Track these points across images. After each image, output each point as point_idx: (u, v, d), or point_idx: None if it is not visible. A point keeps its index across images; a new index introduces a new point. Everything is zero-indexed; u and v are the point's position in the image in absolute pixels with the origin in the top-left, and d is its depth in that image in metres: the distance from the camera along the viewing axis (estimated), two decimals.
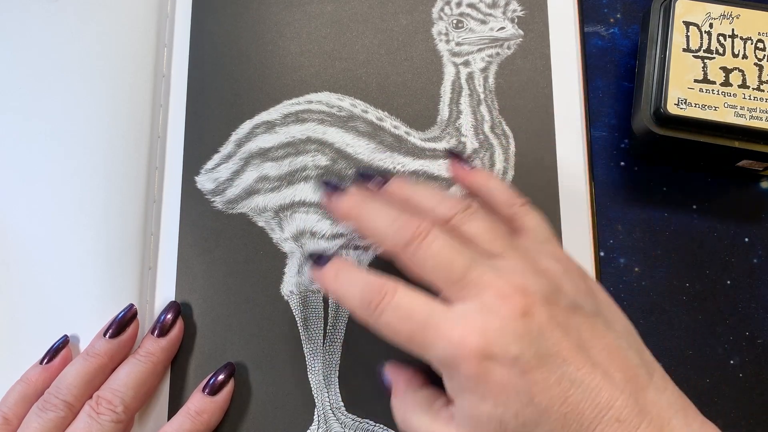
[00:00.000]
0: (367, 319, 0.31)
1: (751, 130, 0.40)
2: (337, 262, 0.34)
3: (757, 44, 0.41)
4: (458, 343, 0.29)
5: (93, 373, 0.38)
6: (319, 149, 0.44)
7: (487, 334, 0.28)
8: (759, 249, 0.43)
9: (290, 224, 0.43)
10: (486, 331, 0.29)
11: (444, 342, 0.29)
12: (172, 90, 0.45)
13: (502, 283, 0.29)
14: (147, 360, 0.38)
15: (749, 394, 0.41)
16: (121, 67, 0.44)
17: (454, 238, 0.31)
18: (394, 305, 0.31)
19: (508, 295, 0.29)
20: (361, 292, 0.31)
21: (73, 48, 0.44)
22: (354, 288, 0.32)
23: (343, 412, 0.40)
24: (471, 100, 0.45)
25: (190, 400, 0.39)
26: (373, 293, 0.31)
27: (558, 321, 0.29)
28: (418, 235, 0.31)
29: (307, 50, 0.46)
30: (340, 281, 0.33)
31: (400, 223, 0.32)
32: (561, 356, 0.29)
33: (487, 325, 0.29)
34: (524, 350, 0.28)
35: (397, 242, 0.32)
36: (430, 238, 0.31)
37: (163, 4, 0.46)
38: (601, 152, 0.45)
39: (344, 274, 0.33)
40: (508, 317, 0.29)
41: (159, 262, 0.42)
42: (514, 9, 0.46)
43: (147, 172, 0.43)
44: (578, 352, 0.29)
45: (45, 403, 0.36)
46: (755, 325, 0.42)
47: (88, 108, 0.43)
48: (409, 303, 0.30)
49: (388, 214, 0.33)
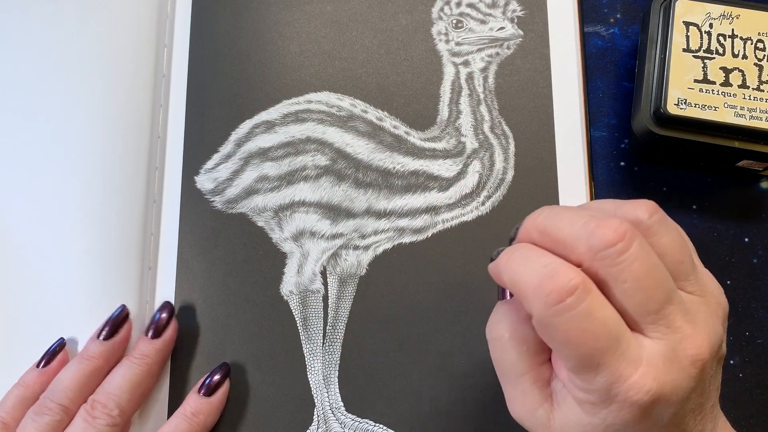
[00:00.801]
0: (540, 312, 0.26)
1: (751, 130, 0.40)
2: (518, 246, 0.29)
3: (757, 44, 0.41)
4: (631, 386, 0.26)
5: (88, 376, 0.37)
6: (319, 149, 0.44)
7: (664, 389, 0.26)
8: (759, 249, 0.43)
9: (290, 224, 0.43)
10: (663, 385, 0.26)
11: (615, 376, 0.26)
12: (172, 90, 0.45)
13: (691, 331, 0.27)
14: (142, 362, 0.38)
15: (749, 394, 0.41)
16: (121, 67, 0.44)
17: (652, 254, 0.27)
18: (582, 311, 0.26)
19: (694, 349, 0.27)
20: (541, 277, 0.26)
21: (73, 48, 0.44)
22: (532, 270, 0.27)
23: (343, 412, 0.40)
24: (471, 100, 0.45)
25: (186, 401, 0.39)
26: (558, 284, 0.26)
27: (711, 378, 0.28)
28: (619, 250, 0.26)
29: (306, 50, 0.46)
30: (515, 259, 0.28)
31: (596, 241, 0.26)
32: (699, 413, 0.28)
33: (666, 377, 0.26)
34: (683, 406, 0.27)
35: (596, 253, 0.26)
36: (632, 254, 0.26)
37: (163, 4, 0.46)
38: (601, 152, 0.45)
39: (522, 253, 0.28)
40: (687, 373, 0.27)
41: (159, 262, 0.42)
42: (514, 9, 0.46)
43: (147, 172, 0.43)
44: (705, 414, 0.28)
45: (40, 407, 0.36)
46: (755, 325, 0.42)
47: (88, 108, 0.43)
48: (601, 316, 0.26)
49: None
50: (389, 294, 0.42)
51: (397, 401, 0.40)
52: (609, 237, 0.26)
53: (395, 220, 0.43)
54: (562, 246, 0.27)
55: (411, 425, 0.40)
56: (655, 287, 0.26)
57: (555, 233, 0.28)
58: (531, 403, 0.30)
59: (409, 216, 0.43)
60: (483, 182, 0.43)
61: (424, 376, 0.41)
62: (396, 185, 0.43)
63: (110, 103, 0.43)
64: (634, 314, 0.27)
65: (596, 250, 0.26)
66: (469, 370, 0.41)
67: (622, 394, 0.26)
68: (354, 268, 0.42)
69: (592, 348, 0.26)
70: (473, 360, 0.41)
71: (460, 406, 0.40)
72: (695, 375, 0.27)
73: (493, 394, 0.40)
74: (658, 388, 0.26)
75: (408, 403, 0.40)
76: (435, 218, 0.43)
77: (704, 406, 0.28)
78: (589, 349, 0.26)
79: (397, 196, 0.43)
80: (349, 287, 0.42)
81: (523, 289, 0.27)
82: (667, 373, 0.26)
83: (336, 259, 0.42)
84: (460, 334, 0.41)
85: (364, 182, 0.43)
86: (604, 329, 0.26)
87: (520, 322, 0.30)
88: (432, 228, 0.43)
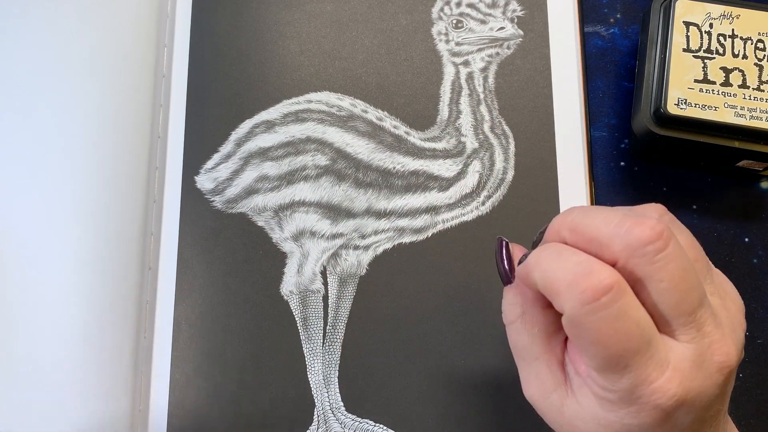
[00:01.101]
0: (573, 310, 0.26)
1: (751, 130, 0.40)
2: (549, 244, 0.28)
3: (757, 44, 0.41)
4: (655, 390, 0.26)
5: None
6: (319, 149, 0.44)
7: (688, 395, 0.26)
8: (759, 249, 0.43)
9: (290, 224, 0.43)
10: (689, 391, 0.26)
11: (641, 379, 0.26)
12: (172, 90, 0.45)
13: (719, 337, 0.27)
14: None
15: (749, 394, 0.41)
16: (121, 67, 0.44)
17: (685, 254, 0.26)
18: (616, 311, 0.25)
19: (722, 355, 0.26)
20: (575, 274, 0.26)
21: (73, 48, 0.44)
22: (565, 267, 0.26)
23: (343, 412, 0.40)
24: (471, 100, 0.45)
25: None
26: (593, 282, 0.25)
27: (731, 383, 0.28)
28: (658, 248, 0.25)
29: (306, 50, 0.46)
30: (547, 257, 0.27)
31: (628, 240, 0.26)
32: (716, 419, 0.28)
33: (692, 382, 0.26)
34: (704, 413, 0.27)
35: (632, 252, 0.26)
36: (670, 253, 0.25)
37: (163, 4, 0.46)
38: (601, 152, 0.45)
39: (555, 251, 0.27)
40: (713, 380, 0.26)
41: (159, 262, 0.42)
42: (514, 9, 0.46)
43: (147, 172, 0.43)
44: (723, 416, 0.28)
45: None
46: (755, 325, 0.42)
47: (88, 108, 0.43)
48: (634, 317, 0.25)
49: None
50: (389, 294, 0.42)
51: (397, 401, 0.40)
52: (647, 235, 0.25)
53: (395, 220, 0.43)
54: (597, 244, 0.27)
55: (411, 425, 0.40)
56: (690, 288, 0.26)
57: (588, 231, 0.27)
58: (546, 387, 0.29)
59: (409, 216, 0.43)
60: (483, 182, 0.43)
61: (424, 376, 0.41)
62: (396, 185, 0.43)
63: (110, 103, 0.43)
64: (668, 316, 0.26)
65: (634, 247, 0.26)
66: (469, 369, 0.41)
67: (645, 396, 0.26)
68: (354, 268, 0.42)
69: (623, 349, 0.25)
70: (473, 360, 0.41)
71: (460, 406, 0.40)
72: (721, 382, 0.26)
73: (494, 393, 0.40)
74: (683, 393, 0.26)
75: (408, 403, 0.40)
76: (435, 218, 0.43)
77: (721, 412, 0.28)
78: (619, 350, 0.25)
79: (397, 196, 0.43)
80: (349, 287, 0.42)
81: (555, 286, 0.26)
82: (694, 378, 0.26)
83: (336, 259, 0.42)
84: (460, 334, 0.41)
85: (364, 182, 0.43)
86: (637, 331, 0.25)
87: (529, 304, 0.30)
88: (432, 228, 0.43)
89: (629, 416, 0.26)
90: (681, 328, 0.26)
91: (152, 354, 0.41)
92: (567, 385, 0.29)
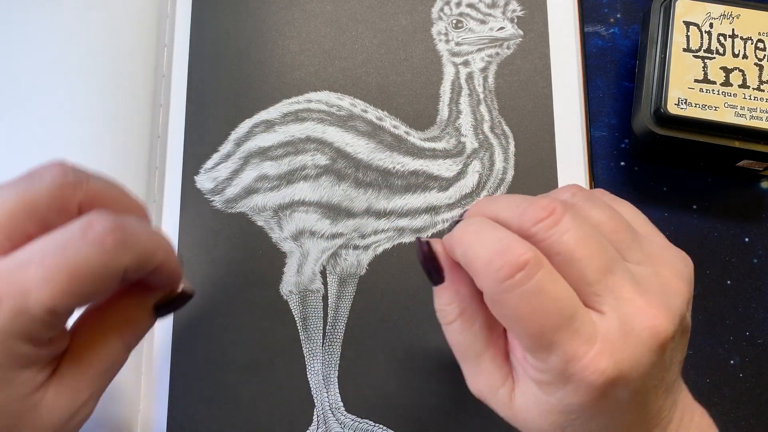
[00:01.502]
0: (490, 288, 0.26)
1: (751, 130, 0.40)
2: (473, 219, 0.28)
3: (758, 44, 0.41)
4: (586, 365, 0.25)
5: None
6: (319, 148, 0.44)
7: (621, 366, 0.25)
8: (759, 249, 0.43)
9: (289, 223, 0.43)
10: (620, 362, 0.25)
11: (569, 355, 0.25)
12: (172, 90, 0.45)
13: (643, 303, 0.26)
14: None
15: (749, 394, 0.41)
16: (121, 67, 0.44)
17: (585, 225, 0.27)
18: (533, 287, 0.25)
19: (650, 320, 0.26)
20: (492, 252, 0.26)
21: (72, 47, 0.44)
22: (484, 244, 0.26)
23: (343, 413, 0.40)
24: (470, 100, 0.45)
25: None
26: (509, 259, 0.25)
27: (673, 351, 0.27)
28: (548, 224, 0.26)
29: (306, 49, 0.46)
30: (468, 233, 0.27)
31: (523, 218, 0.27)
32: (662, 387, 0.27)
33: (623, 353, 0.25)
34: (644, 383, 0.26)
35: (526, 230, 0.26)
36: (563, 226, 0.26)
37: (163, 4, 0.46)
38: (601, 152, 0.45)
39: (477, 227, 0.27)
40: (646, 347, 0.26)
41: None
42: (514, 9, 0.46)
43: (147, 172, 0.43)
44: (667, 388, 0.28)
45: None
46: (755, 325, 0.42)
47: (88, 108, 0.43)
48: (553, 291, 0.25)
49: (491, 233, 0.27)
50: (389, 294, 0.42)
51: (397, 401, 0.40)
52: (537, 213, 0.26)
53: (395, 219, 0.43)
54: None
55: (411, 425, 0.40)
56: (591, 256, 0.26)
57: (494, 216, 0.28)
58: (492, 382, 0.29)
59: (409, 216, 0.43)
60: (483, 182, 0.43)
61: (423, 376, 0.41)
62: (396, 185, 0.43)
63: (110, 103, 0.43)
64: (577, 288, 0.26)
65: (527, 226, 0.26)
66: None
67: (577, 374, 0.25)
68: (354, 267, 0.42)
69: (543, 325, 0.25)
70: None
71: (460, 406, 0.40)
72: (655, 349, 0.26)
73: None
74: (614, 366, 0.25)
75: (408, 403, 0.40)
76: (435, 218, 0.43)
77: (666, 380, 0.27)
78: (539, 327, 0.25)
79: (397, 195, 0.43)
80: (349, 287, 0.42)
81: (474, 264, 0.27)
82: (624, 349, 0.25)
83: (336, 259, 0.42)
84: None
85: (364, 182, 0.43)
86: (555, 305, 0.25)
87: (467, 302, 0.29)
88: (432, 228, 0.43)
89: (568, 396, 0.26)
90: (596, 299, 0.26)
91: (152, 354, 0.41)
92: (512, 376, 0.29)
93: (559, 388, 0.26)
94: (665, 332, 0.26)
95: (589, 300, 0.26)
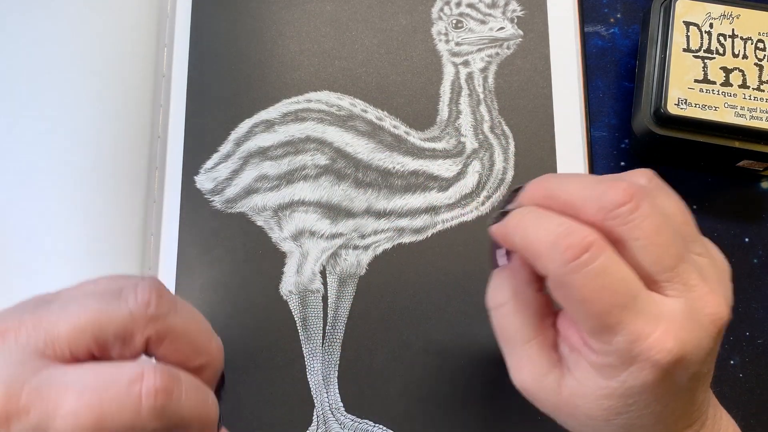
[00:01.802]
0: (556, 270, 0.26)
1: (751, 130, 0.40)
2: (527, 208, 0.29)
3: (757, 44, 0.41)
4: (652, 345, 0.26)
5: None
6: (319, 148, 0.44)
7: (686, 347, 0.26)
8: (759, 249, 0.43)
9: (289, 223, 0.43)
10: (685, 343, 0.26)
11: (635, 335, 0.26)
12: (172, 90, 0.45)
13: (707, 291, 0.27)
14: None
15: (749, 394, 0.41)
16: (121, 67, 0.44)
17: (661, 213, 0.27)
18: (599, 267, 0.26)
19: (713, 307, 0.27)
20: (556, 235, 0.26)
21: (72, 47, 0.44)
22: (546, 229, 0.27)
23: (342, 413, 0.40)
24: (470, 100, 0.45)
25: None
26: (574, 241, 0.26)
27: (720, 340, 0.28)
28: (631, 208, 0.26)
29: (306, 49, 0.46)
30: (527, 220, 0.28)
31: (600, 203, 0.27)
32: (707, 380, 0.29)
33: (688, 335, 0.26)
34: (700, 369, 0.27)
35: (605, 213, 0.27)
36: (643, 211, 0.26)
37: (163, 4, 0.46)
38: (601, 152, 0.45)
39: (534, 214, 0.28)
40: (707, 332, 0.27)
41: (159, 262, 0.42)
42: (514, 9, 0.46)
43: (147, 172, 0.43)
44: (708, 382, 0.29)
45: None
46: (755, 325, 0.42)
47: (88, 108, 0.43)
48: (618, 272, 0.26)
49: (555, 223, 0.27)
50: (389, 294, 0.42)
51: (396, 401, 0.40)
52: (620, 197, 0.26)
53: (395, 220, 0.43)
54: (571, 208, 0.27)
55: (411, 425, 0.40)
56: (668, 244, 0.26)
57: (563, 196, 0.28)
58: (540, 370, 0.29)
59: (409, 216, 0.43)
60: (483, 182, 0.43)
61: (423, 377, 0.41)
62: (396, 185, 0.43)
63: (110, 103, 0.43)
64: (651, 271, 0.26)
65: (608, 209, 0.26)
66: (469, 369, 0.41)
67: (644, 353, 0.26)
68: (354, 268, 0.42)
69: (610, 304, 0.26)
70: (473, 360, 0.41)
71: (459, 406, 0.40)
72: (714, 335, 0.27)
73: (494, 393, 0.40)
74: (680, 347, 0.26)
75: (408, 403, 0.40)
76: (435, 218, 0.43)
77: (710, 374, 0.28)
78: (606, 305, 0.26)
79: (397, 196, 0.43)
80: (348, 287, 0.42)
81: (537, 247, 0.27)
82: (689, 331, 0.26)
83: (336, 259, 0.42)
84: (459, 334, 0.41)
85: (363, 182, 0.43)
86: (622, 284, 0.26)
87: (522, 286, 0.30)
88: (432, 228, 0.43)
89: (631, 377, 0.26)
90: (666, 284, 0.27)
91: None
92: (561, 365, 0.29)
93: (623, 369, 0.27)
94: (723, 319, 0.27)
95: (659, 283, 0.27)
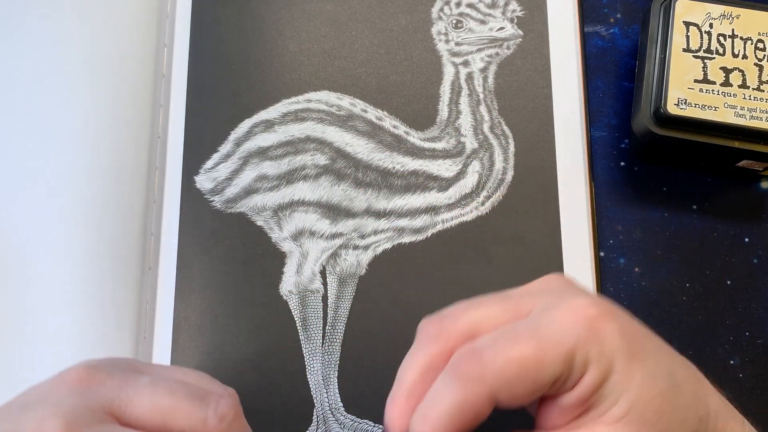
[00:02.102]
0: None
1: (751, 130, 0.40)
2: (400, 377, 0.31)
3: (757, 44, 0.41)
4: (582, 316, 0.27)
5: None
6: (318, 148, 0.44)
7: (597, 302, 0.28)
8: (759, 249, 0.43)
9: (289, 223, 0.43)
10: (595, 302, 0.28)
11: (565, 325, 0.27)
12: (172, 90, 0.45)
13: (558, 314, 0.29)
14: None
15: (749, 394, 0.41)
16: (121, 67, 0.44)
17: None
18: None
19: (570, 314, 0.28)
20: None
21: (72, 47, 0.44)
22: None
23: (342, 413, 0.40)
24: (470, 100, 0.45)
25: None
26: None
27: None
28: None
29: (306, 49, 0.46)
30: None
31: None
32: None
33: (587, 298, 0.28)
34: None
35: None
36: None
37: (163, 4, 0.46)
38: (601, 152, 0.45)
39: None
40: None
41: (159, 262, 0.42)
42: (514, 9, 0.46)
43: (147, 172, 0.43)
44: None
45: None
46: (755, 325, 0.42)
47: (88, 108, 0.43)
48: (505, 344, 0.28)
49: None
50: (389, 294, 0.42)
51: None
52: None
53: (395, 220, 0.43)
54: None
55: None
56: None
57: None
58: None
59: (409, 216, 0.43)
60: (483, 182, 0.43)
61: None
62: (396, 185, 0.43)
63: (110, 103, 0.43)
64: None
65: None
66: None
67: (584, 325, 0.27)
68: (354, 268, 0.42)
69: (521, 356, 0.27)
70: None
71: None
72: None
73: None
74: (592, 304, 0.28)
75: None
76: (435, 218, 0.43)
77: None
78: (519, 360, 0.27)
79: (397, 196, 0.43)
80: (348, 287, 0.42)
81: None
82: (584, 299, 0.28)
83: (335, 259, 0.42)
84: None
85: (363, 182, 0.43)
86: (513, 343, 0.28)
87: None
88: (432, 228, 0.43)
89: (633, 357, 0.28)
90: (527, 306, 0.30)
91: (152, 354, 0.41)
92: None
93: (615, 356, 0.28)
94: (590, 314, 0.29)
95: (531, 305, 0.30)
